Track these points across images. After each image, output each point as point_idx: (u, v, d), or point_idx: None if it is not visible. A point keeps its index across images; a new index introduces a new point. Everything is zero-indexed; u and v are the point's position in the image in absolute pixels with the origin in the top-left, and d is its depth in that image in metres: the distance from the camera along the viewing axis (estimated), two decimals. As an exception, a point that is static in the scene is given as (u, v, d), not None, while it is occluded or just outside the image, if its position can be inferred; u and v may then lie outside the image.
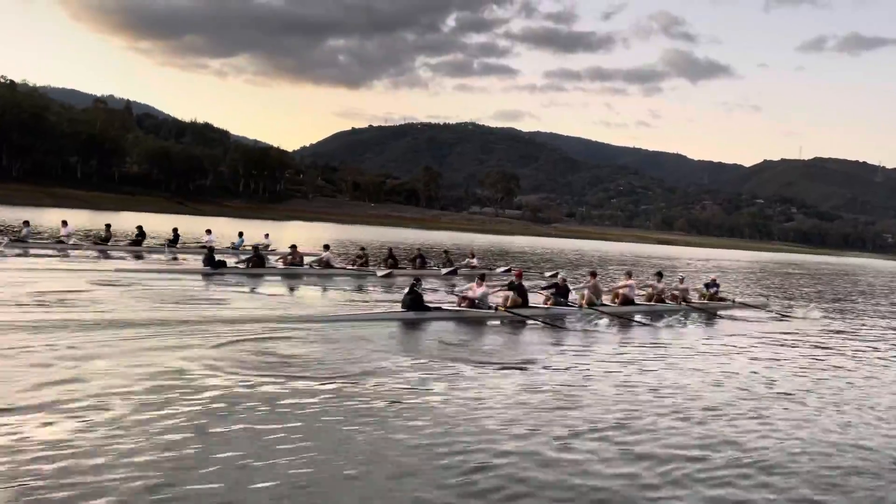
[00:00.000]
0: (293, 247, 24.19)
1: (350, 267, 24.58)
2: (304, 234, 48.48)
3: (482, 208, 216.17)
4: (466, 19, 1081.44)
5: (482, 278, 16.19)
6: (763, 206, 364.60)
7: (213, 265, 20.91)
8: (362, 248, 26.52)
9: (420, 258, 27.60)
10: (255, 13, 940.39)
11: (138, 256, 26.32)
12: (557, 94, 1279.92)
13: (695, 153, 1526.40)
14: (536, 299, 17.07)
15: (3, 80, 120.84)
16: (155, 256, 26.33)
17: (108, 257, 24.91)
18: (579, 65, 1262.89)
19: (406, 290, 15.09)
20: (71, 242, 26.47)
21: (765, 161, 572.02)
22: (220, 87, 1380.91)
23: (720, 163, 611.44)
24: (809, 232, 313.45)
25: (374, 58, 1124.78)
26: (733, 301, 22.02)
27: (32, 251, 24.66)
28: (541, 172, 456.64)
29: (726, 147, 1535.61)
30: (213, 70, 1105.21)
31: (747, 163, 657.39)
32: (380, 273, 23.69)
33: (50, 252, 24.83)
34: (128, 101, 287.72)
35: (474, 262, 28.48)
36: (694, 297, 20.56)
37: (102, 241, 27.45)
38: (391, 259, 25.58)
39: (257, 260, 22.37)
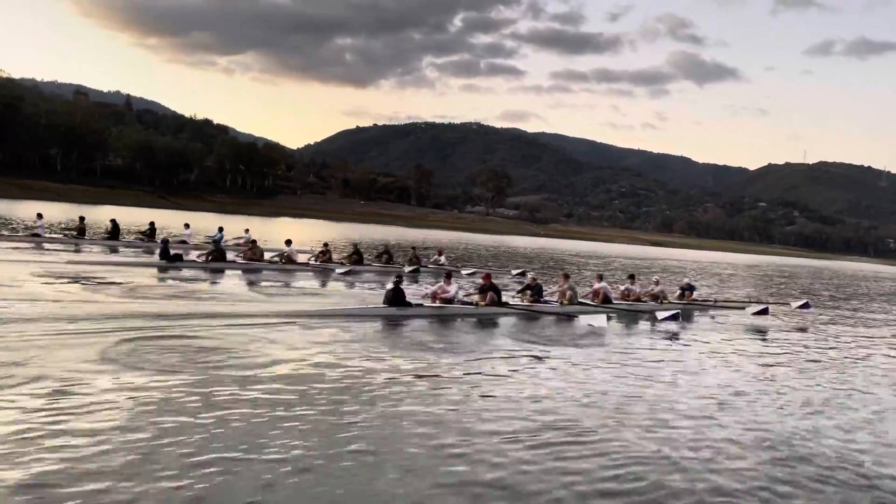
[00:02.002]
0: (253, 241, 24.50)
1: (312, 262, 24.19)
2: (283, 231, 48.62)
3: (473, 207, 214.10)
4: (473, 19, 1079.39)
5: (449, 276, 16.38)
6: (765, 210, 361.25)
7: (169, 258, 20.71)
8: (325, 244, 26.25)
9: (386, 254, 27.40)
10: (262, 11, 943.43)
11: (113, 250, 25.71)
12: (564, 96, 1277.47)
13: (700, 156, 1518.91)
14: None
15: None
16: (131, 251, 25.90)
17: (79, 251, 24.25)
18: (586, 66, 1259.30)
19: (389, 285, 15.06)
20: (46, 235, 26.37)
21: (769, 165, 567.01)
22: (227, 84, 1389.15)
23: (725, 166, 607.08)
24: (811, 236, 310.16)
25: (381, 57, 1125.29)
26: (714, 302, 22.48)
27: (3, 244, 24.11)
28: (543, 173, 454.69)
29: (731, 150, 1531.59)
30: (220, 67, 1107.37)
31: (752, 166, 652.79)
32: (340, 270, 23.37)
33: (23, 245, 24.28)
34: (128, 95, 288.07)
35: (442, 259, 28.45)
36: (670, 299, 20.89)
37: (79, 234, 26.94)
38: (355, 255, 25.40)
39: (217, 254, 22.12)
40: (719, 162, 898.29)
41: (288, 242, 24.38)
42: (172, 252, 21.26)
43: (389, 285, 14.93)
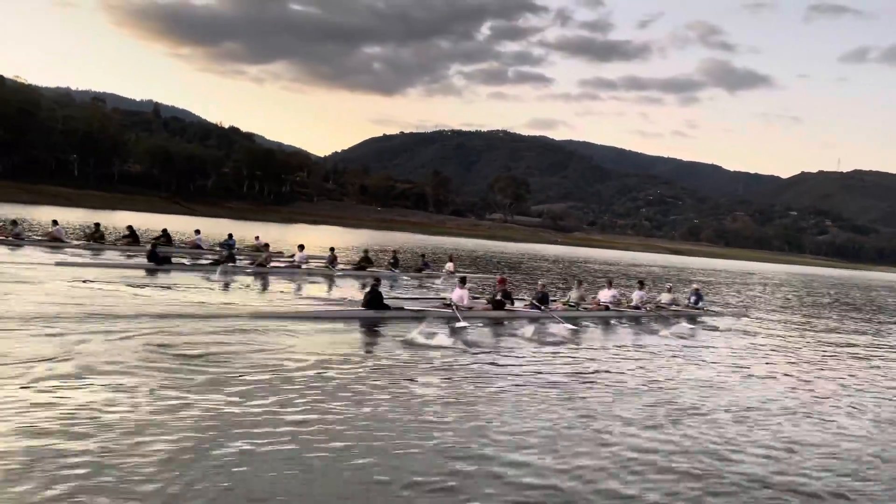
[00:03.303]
0: (265, 245, 25.82)
1: (318, 266, 24.91)
2: (296, 237, 49.37)
3: (490, 214, 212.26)
4: (501, 27, 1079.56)
5: (463, 281, 16.88)
6: (796, 219, 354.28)
7: (157, 261, 21.28)
8: (331, 249, 26.66)
9: (394, 259, 28.27)
10: (292, 21, 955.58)
11: (130, 256, 25.30)
12: (592, 103, 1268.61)
13: (731, 164, 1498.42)
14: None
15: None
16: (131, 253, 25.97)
17: (99, 255, 24.36)
18: (615, 74, 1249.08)
19: (367, 288, 15.45)
20: (68, 241, 26.48)
21: (802, 173, 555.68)
22: (257, 93, 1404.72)
23: (756, 174, 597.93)
24: (843, 245, 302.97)
25: (409, 65, 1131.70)
26: (716, 311, 22.53)
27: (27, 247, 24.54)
28: (569, 181, 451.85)
29: (763, 158, 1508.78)
30: (250, 76, 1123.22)
31: (784, 174, 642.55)
32: (337, 274, 24.09)
33: (41, 249, 24.33)
34: (156, 103, 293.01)
35: (450, 266, 28.69)
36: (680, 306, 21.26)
37: (97, 240, 27.06)
38: (365, 260, 26.50)
39: (228, 258, 22.77)
40: (751, 170, 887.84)
41: (301, 247, 25.40)
42: (161, 255, 21.95)
43: (367, 289, 15.34)
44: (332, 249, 26.02)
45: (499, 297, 16.78)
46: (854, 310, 33.07)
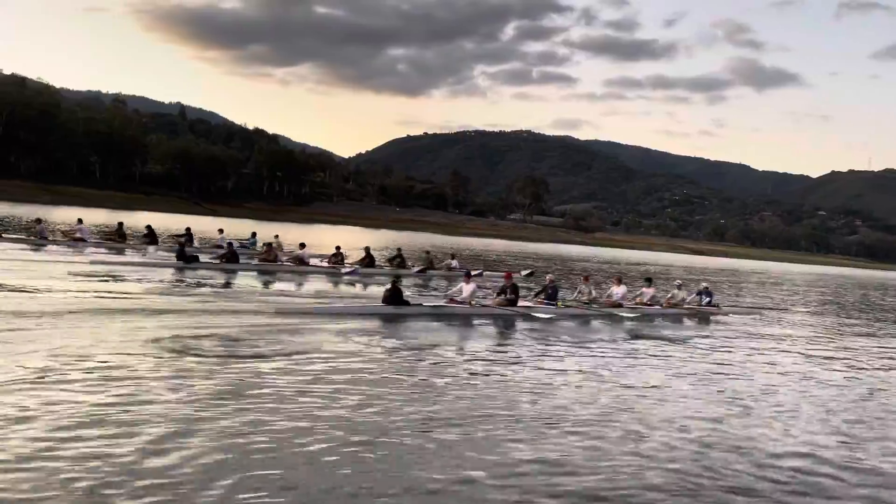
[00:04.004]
0: (268, 245, 25.67)
1: (323, 264, 25.20)
2: (314, 237, 50.86)
3: (510, 214, 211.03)
4: (525, 28, 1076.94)
5: (468, 276, 17.38)
6: (825, 219, 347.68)
7: (185, 259, 21.74)
8: (337, 247, 26.96)
9: (399, 258, 28.39)
10: (317, 23, 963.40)
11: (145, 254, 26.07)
12: (618, 103, 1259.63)
13: (759, 163, 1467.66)
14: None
15: (12, 77, 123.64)
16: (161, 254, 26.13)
17: (121, 254, 24.86)
18: (641, 73, 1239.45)
19: (388, 286, 15.79)
20: (91, 241, 26.88)
21: (832, 172, 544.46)
22: (283, 95, 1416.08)
23: (785, 173, 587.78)
24: (874, 246, 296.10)
25: (433, 67, 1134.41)
26: (726, 308, 22.50)
27: (50, 247, 24.91)
28: (593, 181, 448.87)
29: (793, 157, 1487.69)
30: (276, 79, 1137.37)
31: (814, 174, 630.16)
32: (345, 270, 24.23)
33: (63, 248, 24.87)
34: (181, 105, 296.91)
35: (454, 263, 28.82)
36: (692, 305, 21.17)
37: (120, 239, 27.61)
38: (367, 258, 26.41)
39: (231, 256, 23.13)
40: (779, 169, 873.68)
41: (302, 246, 25.67)
42: (189, 254, 22.46)
43: (388, 286, 15.77)
44: (337, 248, 26.36)
45: (508, 295, 16.95)
46: (871, 310, 32.19)
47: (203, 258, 23.09)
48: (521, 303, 17.03)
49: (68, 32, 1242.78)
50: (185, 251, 22.27)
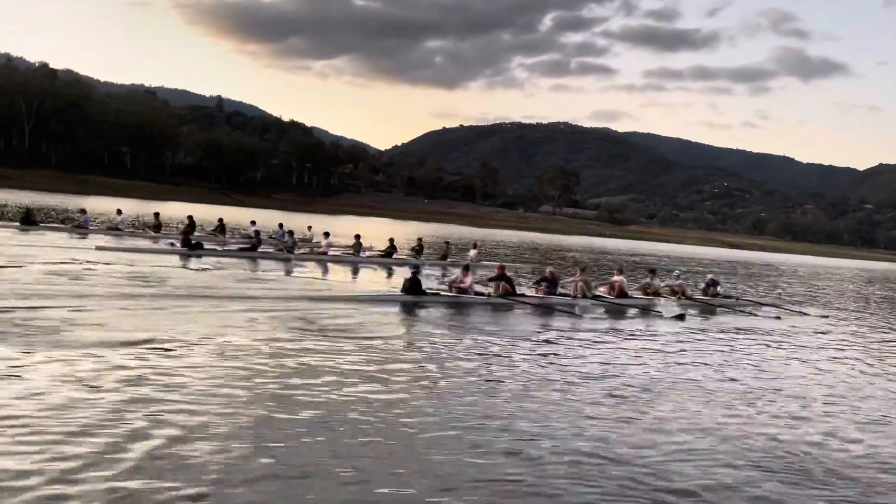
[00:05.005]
0: (290, 232, 26.67)
1: (344, 253, 26.23)
2: (340, 228, 51.89)
3: (540, 207, 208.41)
4: (564, 18, 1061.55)
5: (466, 269, 17.61)
6: (871, 212, 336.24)
7: (190, 247, 22.56)
8: (357, 236, 27.89)
9: (418, 247, 29.43)
10: (355, 16, 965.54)
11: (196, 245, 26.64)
12: (657, 94, 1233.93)
13: (804, 156, 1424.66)
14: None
15: (43, 69, 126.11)
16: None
17: (156, 243, 25.54)
18: (682, 64, 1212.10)
19: (408, 275, 16.47)
20: (127, 230, 27.88)
21: (880, 164, 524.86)
22: (321, 88, 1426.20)
23: (831, 166, 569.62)
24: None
25: (470, 58, 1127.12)
26: (736, 299, 22.02)
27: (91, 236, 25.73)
28: (631, 173, 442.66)
29: (839, 149, 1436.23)
30: (315, 72, 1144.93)
31: (861, 166, 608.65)
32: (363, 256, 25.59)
33: (105, 236, 25.75)
34: (219, 97, 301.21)
35: (472, 254, 29.91)
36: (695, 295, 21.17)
37: (155, 229, 28.37)
38: (390, 247, 27.68)
39: (255, 244, 24.22)
40: (825, 162, 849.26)
41: (326, 235, 26.85)
42: (193, 241, 23.27)
43: (408, 275, 16.45)
44: (357, 237, 27.06)
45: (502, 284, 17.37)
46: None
47: (207, 246, 23.91)
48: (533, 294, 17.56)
49: (112, 27, 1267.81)
50: (190, 239, 23.07)
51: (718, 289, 21.83)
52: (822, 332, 17.47)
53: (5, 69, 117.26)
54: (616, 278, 19.27)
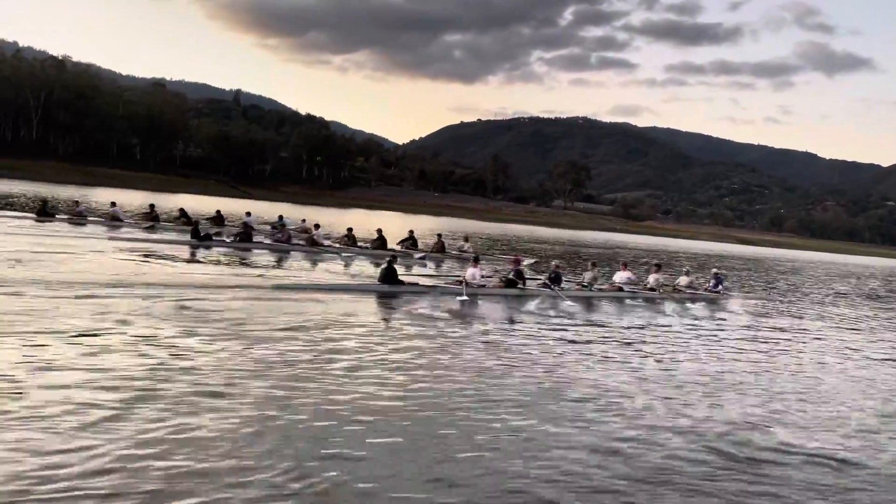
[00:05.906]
0: (283, 225, 27.47)
1: (335, 245, 26.32)
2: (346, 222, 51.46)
3: (552, 201, 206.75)
4: (584, 12, 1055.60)
5: (476, 260, 17.92)
6: (893, 209, 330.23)
7: (199, 238, 23.08)
8: (349, 229, 28.02)
9: (410, 240, 29.27)
10: (375, 10, 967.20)
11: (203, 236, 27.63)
12: (679, 89, 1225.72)
13: (827, 152, 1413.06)
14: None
15: (51, 59, 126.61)
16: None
17: (152, 233, 26.19)
18: (703, 58, 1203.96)
19: (384, 265, 16.56)
20: (125, 220, 28.65)
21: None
22: (340, 82, 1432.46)
23: (854, 162, 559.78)
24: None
25: (489, 53, 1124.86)
26: (732, 293, 22.69)
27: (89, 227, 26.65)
28: (649, 168, 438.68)
29: (863, 145, 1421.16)
30: (334, 66, 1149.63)
31: (885, 162, 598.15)
32: (345, 254, 25.03)
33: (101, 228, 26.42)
34: (237, 91, 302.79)
35: (466, 246, 29.82)
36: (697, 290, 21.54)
37: (151, 221, 28.92)
38: (378, 240, 27.35)
39: (244, 235, 24.42)
40: (848, 158, 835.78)
41: (316, 227, 27.20)
42: (203, 232, 23.83)
43: (384, 265, 16.34)
44: (349, 230, 27.36)
45: (511, 277, 17.46)
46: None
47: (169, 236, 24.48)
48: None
49: (135, 20, 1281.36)
50: (199, 230, 23.56)
51: (720, 287, 21.92)
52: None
53: (13, 60, 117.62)
54: (623, 272, 20.27)
